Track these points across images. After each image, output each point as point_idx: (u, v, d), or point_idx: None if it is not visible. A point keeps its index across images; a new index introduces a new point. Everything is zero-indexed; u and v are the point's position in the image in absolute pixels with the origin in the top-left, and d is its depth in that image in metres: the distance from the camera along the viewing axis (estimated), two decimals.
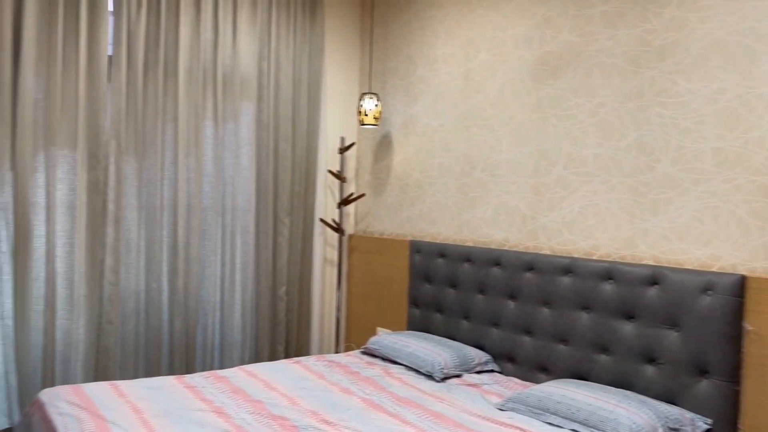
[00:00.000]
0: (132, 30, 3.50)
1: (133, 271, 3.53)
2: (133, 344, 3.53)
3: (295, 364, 3.32)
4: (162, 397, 2.73)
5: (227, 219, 3.88)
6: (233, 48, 3.85)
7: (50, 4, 3.25)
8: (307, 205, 4.20)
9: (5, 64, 3.13)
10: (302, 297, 4.20)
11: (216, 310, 3.83)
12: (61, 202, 3.34)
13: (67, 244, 3.35)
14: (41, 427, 2.47)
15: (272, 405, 2.67)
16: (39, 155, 3.27)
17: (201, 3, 3.70)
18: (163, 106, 3.61)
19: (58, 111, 3.28)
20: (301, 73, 4.13)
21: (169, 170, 3.65)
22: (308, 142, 4.18)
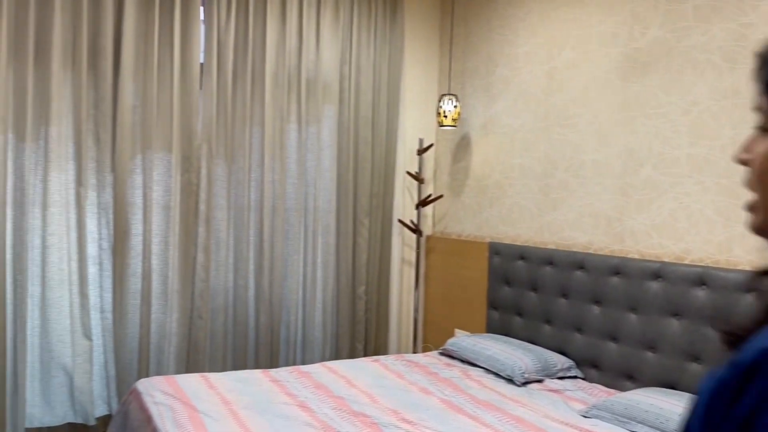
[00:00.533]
0: (222, 38, 3.65)
1: (222, 268, 3.69)
2: (222, 338, 3.69)
3: (374, 362, 3.37)
4: (249, 389, 2.84)
5: (309, 219, 3.98)
6: (316, 53, 3.95)
7: (147, 16, 3.44)
8: (386, 206, 4.25)
9: (107, 73, 3.34)
10: (381, 296, 4.25)
11: (298, 307, 3.94)
12: (157, 202, 3.53)
13: (162, 242, 3.54)
14: (138, 415, 2.62)
15: (353, 402, 2.72)
16: (137, 158, 3.47)
17: (286, 11, 3.82)
18: (251, 111, 3.75)
19: (155, 116, 3.47)
20: (381, 75, 4.18)
21: (256, 172, 3.78)
22: (387, 144, 4.23)
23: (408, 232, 4.38)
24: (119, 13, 3.37)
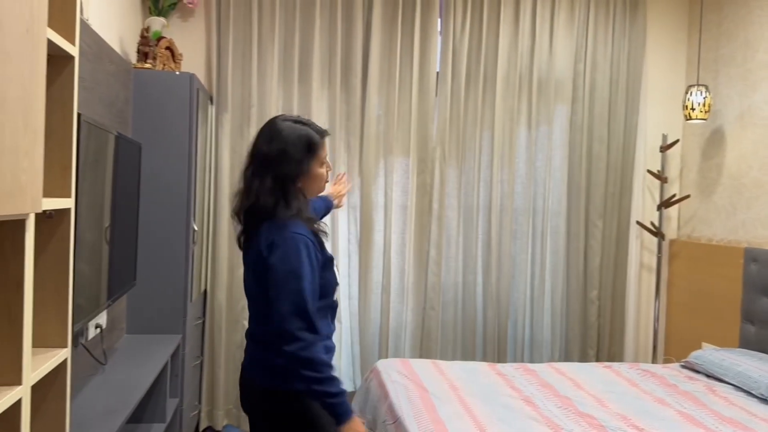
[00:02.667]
0: (457, 47, 3.85)
1: (452, 264, 3.88)
2: (452, 330, 3.88)
3: (605, 368, 3.26)
4: (476, 379, 2.96)
5: (538, 220, 3.98)
6: (549, 53, 3.94)
7: (390, 33, 3.79)
8: (623, 207, 4.05)
9: (356, 88, 3.76)
10: (615, 303, 4.06)
11: (526, 307, 3.96)
12: (396, 202, 3.86)
13: (400, 239, 3.86)
14: (377, 390, 2.91)
15: (580, 403, 2.68)
16: (380, 162, 3.83)
17: (520, 14, 3.88)
18: (481, 115, 3.89)
19: (395, 124, 3.80)
20: (619, 70, 4.00)
21: (485, 173, 3.91)
22: (625, 141, 4.03)
23: (648, 235, 4.12)
24: (367, 33, 3.76)
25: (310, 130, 1.78)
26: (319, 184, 1.84)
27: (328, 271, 1.80)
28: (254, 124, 3.61)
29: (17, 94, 1.09)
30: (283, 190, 1.73)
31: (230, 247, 3.62)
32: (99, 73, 2.50)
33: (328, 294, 1.81)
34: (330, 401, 1.65)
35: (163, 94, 3.07)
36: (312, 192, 1.83)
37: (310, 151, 1.76)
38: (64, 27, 1.40)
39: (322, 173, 1.82)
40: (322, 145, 1.80)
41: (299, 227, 1.71)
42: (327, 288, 1.80)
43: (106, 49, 2.60)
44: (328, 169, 1.85)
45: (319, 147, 1.78)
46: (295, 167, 1.74)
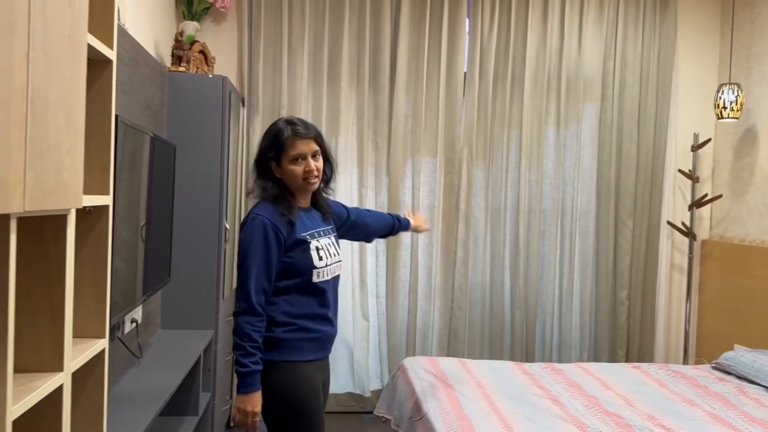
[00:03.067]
0: (485, 47, 3.87)
1: (479, 264, 3.90)
2: (479, 330, 3.89)
3: (634, 369, 3.24)
4: (502, 378, 2.97)
5: (566, 220, 3.96)
6: (578, 51, 3.93)
7: (418, 33, 3.82)
8: (653, 207, 4.01)
9: (384, 88, 3.80)
10: (645, 303, 4.02)
11: (554, 307, 3.95)
12: (423, 202, 3.89)
13: (427, 238, 3.88)
14: (404, 387, 2.94)
15: (607, 402, 2.67)
16: (407, 163, 3.87)
17: (548, 14, 3.88)
18: (509, 115, 3.89)
19: (423, 124, 3.83)
20: (650, 69, 3.97)
21: (512, 174, 3.91)
22: (655, 140, 3.99)
23: (679, 235, 4.07)
24: (395, 34, 3.80)
25: (283, 126, 1.94)
26: (294, 180, 1.94)
27: (298, 251, 1.92)
28: None
29: (60, 96, 1.16)
30: (258, 171, 1.97)
31: None
32: (135, 77, 2.59)
33: (298, 274, 1.92)
34: (237, 369, 1.84)
35: (196, 96, 3.16)
36: (292, 186, 1.96)
37: (276, 143, 1.92)
38: (103, 32, 1.47)
39: (292, 170, 1.92)
40: (291, 142, 1.91)
41: (263, 209, 1.91)
42: (296, 268, 1.92)
43: (142, 53, 2.69)
44: (306, 169, 1.92)
45: (285, 142, 1.91)
46: (261, 153, 1.96)
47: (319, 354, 2.00)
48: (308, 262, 1.93)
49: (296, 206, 1.96)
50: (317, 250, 1.95)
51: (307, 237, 1.94)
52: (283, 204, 1.92)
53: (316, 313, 1.97)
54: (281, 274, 1.92)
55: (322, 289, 1.98)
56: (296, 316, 1.92)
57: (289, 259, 1.91)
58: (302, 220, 1.97)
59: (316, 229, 2.00)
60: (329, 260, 1.99)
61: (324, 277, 1.98)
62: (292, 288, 1.93)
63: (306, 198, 2.03)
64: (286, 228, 1.90)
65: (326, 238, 2.03)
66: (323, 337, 2.00)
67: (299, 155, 1.91)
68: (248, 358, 1.82)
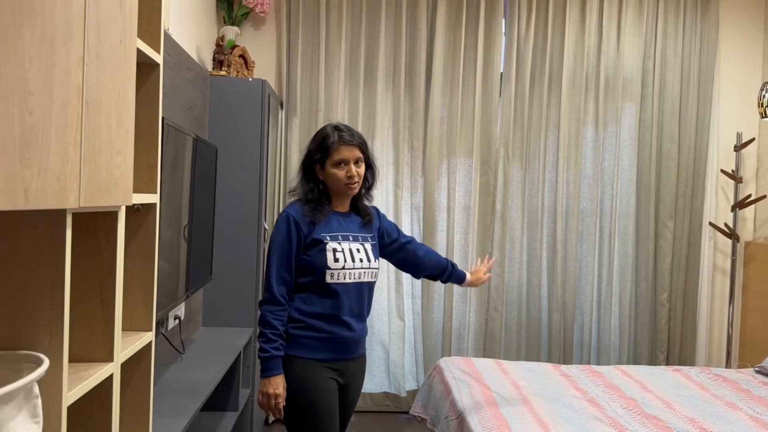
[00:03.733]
0: (521, 47, 3.86)
1: (516, 265, 3.88)
2: (515, 331, 3.87)
3: (675, 372, 3.18)
4: (539, 379, 2.96)
5: (605, 221, 3.92)
6: (617, 50, 3.89)
7: (454, 35, 3.83)
8: (694, 208, 3.93)
9: (420, 89, 3.82)
10: (686, 306, 3.94)
11: (593, 309, 3.91)
12: (459, 202, 3.89)
13: (462, 239, 3.89)
14: (440, 387, 2.95)
15: (646, 405, 2.64)
16: (443, 163, 3.88)
17: (586, 13, 3.85)
18: (546, 114, 3.87)
19: (458, 125, 3.84)
20: (690, 67, 3.90)
21: (550, 174, 3.89)
22: (697, 140, 3.92)
23: (721, 236, 3.98)
24: (431, 36, 3.82)
25: (330, 131, 2.03)
26: (335, 183, 2.03)
27: (315, 251, 1.99)
28: None
29: (111, 98, 1.21)
30: (302, 174, 2.07)
31: None
32: (179, 80, 2.67)
33: (312, 272, 2.00)
34: (259, 354, 1.96)
35: (237, 99, 3.24)
36: (334, 190, 2.06)
37: (322, 147, 2.02)
38: (151, 37, 1.53)
39: (335, 173, 2.01)
40: (336, 147, 2.00)
41: (292, 207, 2.04)
42: (312, 266, 2.00)
43: (185, 57, 2.77)
44: (348, 174, 2.00)
45: (331, 146, 2.00)
46: (307, 155, 2.06)
47: (332, 355, 2.03)
48: (322, 262, 1.99)
49: (326, 210, 2.04)
50: (334, 251, 1.99)
51: (326, 238, 2.00)
52: (313, 205, 2.01)
53: (328, 313, 2.01)
54: (300, 272, 2.01)
55: (338, 291, 2.01)
56: (307, 315, 2.00)
57: (307, 257, 2.00)
58: (330, 223, 2.03)
59: (344, 233, 2.05)
60: (349, 264, 2.02)
61: (340, 279, 2.01)
62: (308, 286, 2.01)
63: (344, 203, 2.10)
64: (307, 227, 1.99)
65: (356, 243, 2.06)
66: (336, 339, 2.03)
67: (342, 160, 2.00)
68: (269, 344, 1.93)
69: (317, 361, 2.00)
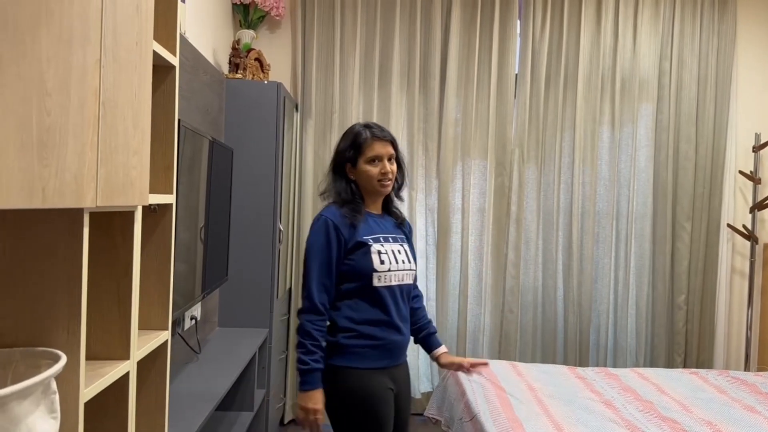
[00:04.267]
0: (536, 48, 3.85)
1: (531, 267, 3.86)
2: (531, 333, 3.85)
3: (692, 374, 3.15)
4: (554, 381, 2.95)
5: (621, 222, 3.89)
6: (633, 51, 3.86)
7: (469, 36, 3.83)
8: (712, 210, 3.88)
9: (434, 91, 3.83)
10: (704, 308, 3.89)
11: (609, 311, 3.88)
12: (473, 204, 3.88)
13: (477, 241, 3.88)
14: (454, 389, 2.95)
15: (663, 408, 2.61)
16: (457, 165, 3.88)
17: (602, 13, 3.83)
18: (562, 115, 3.85)
19: (473, 126, 3.84)
20: (708, 67, 3.86)
21: (566, 175, 3.87)
22: (714, 141, 3.88)
23: (740, 238, 3.93)
24: (446, 37, 3.82)
25: (361, 129, 1.99)
26: (368, 181, 1.96)
27: (359, 254, 1.92)
28: (336, 130, 3.75)
29: (128, 99, 1.23)
30: (333, 175, 2.01)
31: None
32: (195, 83, 2.70)
33: (358, 277, 1.92)
34: (298, 366, 1.88)
35: (252, 102, 3.27)
36: (366, 189, 1.99)
37: (354, 144, 1.97)
38: (167, 39, 1.56)
39: (368, 170, 1.95)
40: (369, 143, 1.95)
41: (328, 210, 1.97)
42: (357, 271, 1.91)
43: (201, 61, 2.80)
44: (382, 171, 1.95)
45: (363, 143, 1.96)
46: (338, 155, 2.00)
47: (385, 362, 1.96)
48: (369, 265, 1.91)
49: (363, 210, 1.97)
50: (379, 253, 1.93)
51: (369, 240, 1.94)
52: (350, 206, 1.95)
53: (379, 319, 1.94)
54: (343, 277, 1.93)
55: (385, 294, 1.95)
56: (358, 322, 1.92)
57: (351, 261, 1.92)
58: (368, 224, 1.97)
59: (383, 234, 1.99)
60: (393, 266, 1.95)
61: (386, 282, 1.94)
62: (354, 292, 1.93)
63: (377, 203, 2.04)
64: (348, 230, 1.92)
65: (395, 244, 2.00)
66: (388, 345, 1.96)
67: (376, 156, 1.94)
68: (309, 355, 1.85)
69: (373, 370, 1.92)
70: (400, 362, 2.03)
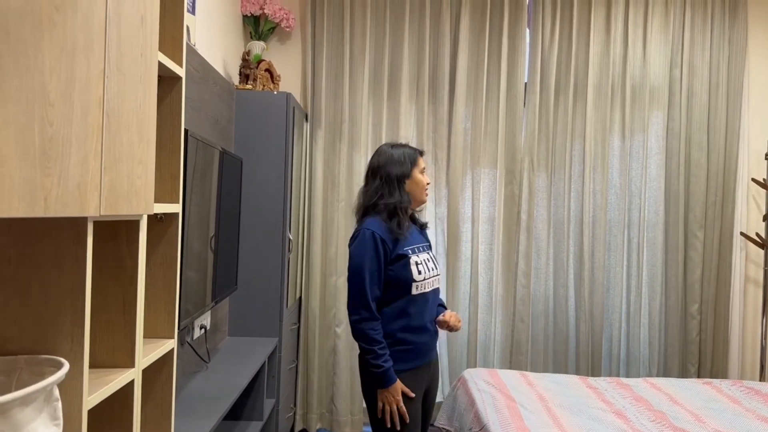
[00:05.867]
0: (546, 57, 3.84)
1: (542, 276, 3.84)
2: (542, 343, 3.82)
3: (705, 384, 3.11)
4: (565, 391, 2.92)
5: (633, 231, 3.86)
6: (643, 59, 3.85)
7: (478, 46, 3.84)
8: (725, 218, 3.84)
9: (443, 101, 3.83)
10: (718, 318, 3.84)
11: (621, 321, 3.84)
12: (483, 213, 3.87)
13: (487, 249, 3.87)
14: (464, 398, 2.93)
15: (675, 418, 2.58)
16: (467, 174, 3.87)
17: (611, 21, 3.82)
18: (572, 124, 3.84)
19: (482, 136, 3.84)
20: (719, 75, 3.83)
21: (576, 183, 3.85)
22: (727, 148, 3.84)
23: (753, 247, 3.88)
24: (455, 46, 3.83)
25: (401, 146, 2.26)
26: (420, 191, 2.23)
27: (399, 265, 2.11)
28: (345, 140, 3.76)
29: (132, 109, 1.25)
30: (389, 187, 2.17)
31: (323, 256, 3.78)
32: (205, 94, 2.73)
33: (397, 286, 2.11)
34: (373, 371, 2.06)
35: (262, 112, 3.29)
36: (415, 196, 2.23)
37: (411, 158, 2.22)
38: (173, 50, 1.57)
39: (421, 180, 2.23)
40: (418, 156, 2.25)
41: (372, 224, 2.12)
42: (397, 281, 2.10)
43: (211, 72, 2.83)
44: (427, 182, 2.25)
45: (414, 156, 2.23)
46: (390, 173, 2.18)
47: (418, 361, 2.16)
48: (408, 276, 2.11)
49: (407, 225, 2.17)
50: (416, 264, 2.13)
51: (409, 252, 2.14)
52: (396, 220, 2.13)
53: (414, 325, 2.14)
54: (383, 286, 2.12)
55: (420, 301, 2.15)
56: (396, 329, 2.12)
57: (391, 272, 2.11)
58: (406, 236, 2.17)
59: (416, 245, 2.20)
60: (427, 274, 2.17)
61: (422, 290, 2.15)
62: (392, 300, 2.12)
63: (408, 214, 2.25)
64: (392, 242, 2.12)
65: (424, 253, 2.22)
66: (420, 347, 2.16)
67: (424, 167, 2.25)
68: (380, 359, 2.04)
69: (406, 371, 2.12)
70: (431, 359, 2.24)
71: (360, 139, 3.79)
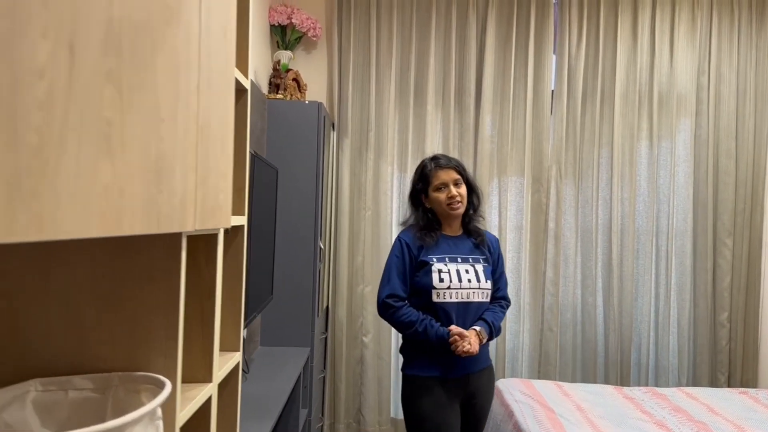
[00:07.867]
0: (572, 64, 3.85)
1: (570, 284, 3.83)
2: (571, 352, 3.81)
3: (741, 394, 3.09)
4: (603, 401, 2.90)
5: (661, 239, 3.85)
6: (670, 66, 3.85)
7: (504, 54, 3.84)
8: (754, 225, 3.84)
9: (469, 109, 3.83)
10: (748, 326, 3.83)
11: (650, 329, 3.83)
12: (510, 221, 3.87)
13: (515, 258, 3.85)
14: (500, 409, 2.92)
15: (717, 428, 2.56)
16: (493, 182, 3.87)
17: (638, 29, 3.82)
18: (599, 131, 3.84)
19: (509, 143, 3.83)
20: (746, 81, 3.84)
21: (604, 191, 3.84)
22: (755, 155, 3.84)
23: None
24: (481, 54, 3.83)
25: (427, 162, 2.28)
26: (439, 207, 2.23)
27: (422, 272, 2.16)
28: (372, 148, 3.76)
29: (218, 123, 1.24)
30: (412, 206, 2.31)
31: (350, 265, 3.77)
32: None
33: (420, 292, 2.16)
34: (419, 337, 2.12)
35: (293, 122, 3.28)
36: (440, 214, 2.25)
37: (422, 176, 2.26)
38: (240, 63, 1.57)
39: (437, 197, 2.22)
40: (434, 173, 2.22)
41: (404, 233, 2.26)
42: (420, 286, 2.16)
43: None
44: (449, 195, 2.20)
45: (429, 173, 2.23)
46: (412, 188, 2.30)
47: (445, 373, 2.15)
48: (428, 282, 2.15)
49: (437, 234, 2.21)
50: (439, 272, 2.15)
51: (432, 259, 2.17)
52: (425, 231, 2.21)
53: None
54: (411, 292, 2.19)
55: (443, 309, 2.15)
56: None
57: (416, 278, 2.19)
58: (440, 246, 2.20)
59: (453, 255, 2.20)
60: (454, 284, 2.15)
61: (446, 298, 2.15)
62: (417, 307, 2.18)
63: (453, 225, 2.29)
64: (417, 249, 2.20)
65: (464, 264, 2.20)
66: (443, 358, 2.14)
67: (442, 184, 2.21)
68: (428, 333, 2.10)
69: (430, 378, 2.14)
70: (473, 370, 2.21)
71: (386, 147, 3.79)
